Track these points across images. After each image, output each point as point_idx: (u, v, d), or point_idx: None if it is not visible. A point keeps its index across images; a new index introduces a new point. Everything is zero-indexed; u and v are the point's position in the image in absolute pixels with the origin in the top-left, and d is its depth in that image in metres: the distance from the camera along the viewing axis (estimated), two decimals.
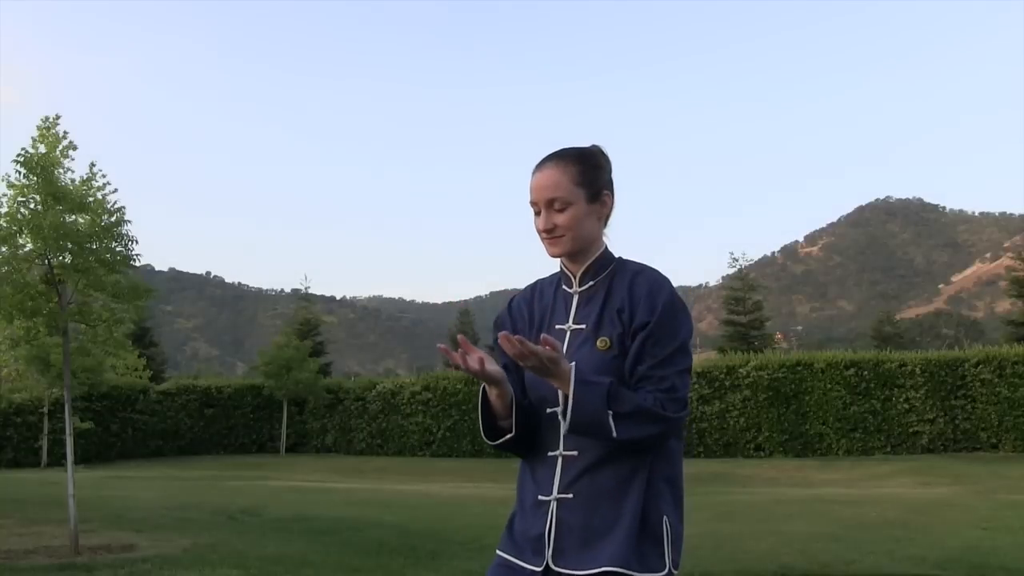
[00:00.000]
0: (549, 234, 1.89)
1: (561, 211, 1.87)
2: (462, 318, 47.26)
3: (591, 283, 1.92)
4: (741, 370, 21.11)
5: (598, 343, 1.84)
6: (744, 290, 40.79)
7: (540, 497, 1.84)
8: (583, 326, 1.88)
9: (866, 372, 20.13)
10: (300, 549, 6.91)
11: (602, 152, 1.96)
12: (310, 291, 44.47)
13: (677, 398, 1.78)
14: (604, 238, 1.96)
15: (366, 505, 10.69)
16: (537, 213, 1.91)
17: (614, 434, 1.73)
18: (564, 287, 1.96)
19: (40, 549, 6.64)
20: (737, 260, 40.71)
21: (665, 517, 1.79)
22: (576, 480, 1.80)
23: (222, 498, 11.11)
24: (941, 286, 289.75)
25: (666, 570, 1.76)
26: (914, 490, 13.11)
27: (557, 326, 1.92)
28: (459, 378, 24.52)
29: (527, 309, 2.01)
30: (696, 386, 21.20)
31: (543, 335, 1.73)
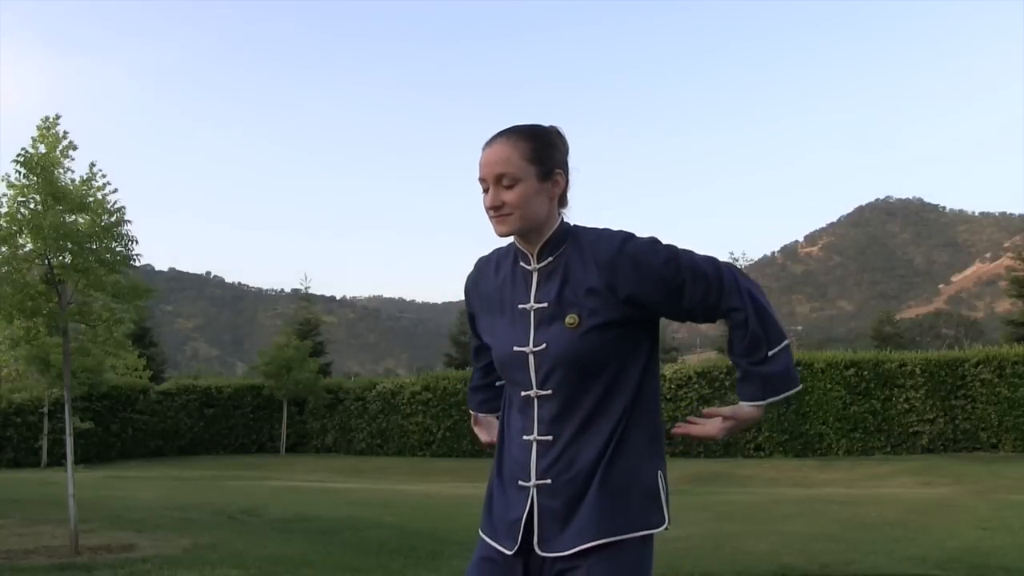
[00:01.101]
0: (496, 211, 1.81)
1: (510, 188, 1.79)
2: (462, 318, 47.20)
3: (549, 259, 1.84)
4: None
5: (567, 321, 1.78)
6: None
7: (520, 483, 1.82)
8: (545, 304, 1.82)
9: (866, 372, 20.12)
10: (300, 549, 6.91)
11: (559, 133, 1.88)
12: (310, 291, 44.41)
13: (722, 278, 1.78)
14: (561, 215, 1.88)
15: (366, 505, 10.69)
16: (485, 190, 1.82)
17: (786, 338, 1.80)
18: (522, 264, 1.88)
19: (40, 549, 6.63)
20: (737, 260, 40.89)
21: (660, 472, 1.79)
22: (553, 464, 1.78)
23: (222, 498, 11.10)
24: (941, 286, 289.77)
25: (666, 523, 1.77)
26: (914, 490, 13.11)
27: (520, 306, 1.85)
28: (459, 378, 24.54)
29: (485, 287, 1.96)
30: (696, 386, 21.26)
31: (704, 409, 1.81)
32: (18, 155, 6.82)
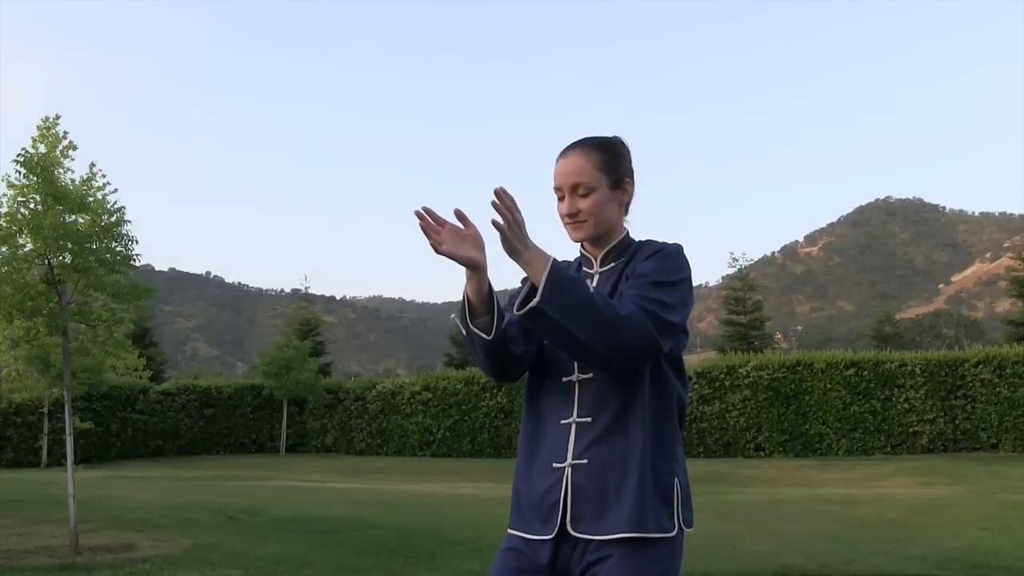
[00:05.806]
0: (572, 219, 1.94)
1: (585, 196, 1.92)
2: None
3: (612, 264, 1.97)
4: (741, 370, 21.11)
5: None
6: (744, 290, 40.76)
7: (554, 464, 1.86)
8: None
9: (866, 372, 20.13)
10: (300, 549, 6.91)
11: (623, 142, 2.02)
12: (310, 291, 44.42)
13: (660, 316, 1.74)
14: (625, 224, 2.01)
15: (366, 505, 10.69)
16: (561, 199, 1.95)
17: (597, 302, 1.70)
18: (585, 269, 2.01)
19: (40, 549, 6.64)
20: (737, 260, 40.71)
21: (676, 479, 1.84)
22: (591, 446, 1.83)
23: (222, 498, 11.10)
24: (941, 286, 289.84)
25: (676, 530, 1.81)
26: (914, 490, 13.11)
27: None
28: (459, 378, 24.54)
29: None
30: (696, 386, 21.23)
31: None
32: (18, 155, 6.82)
